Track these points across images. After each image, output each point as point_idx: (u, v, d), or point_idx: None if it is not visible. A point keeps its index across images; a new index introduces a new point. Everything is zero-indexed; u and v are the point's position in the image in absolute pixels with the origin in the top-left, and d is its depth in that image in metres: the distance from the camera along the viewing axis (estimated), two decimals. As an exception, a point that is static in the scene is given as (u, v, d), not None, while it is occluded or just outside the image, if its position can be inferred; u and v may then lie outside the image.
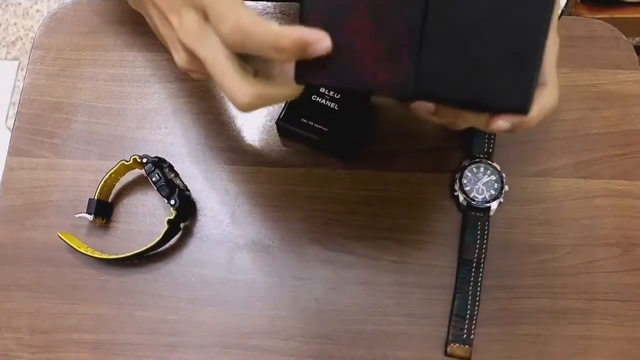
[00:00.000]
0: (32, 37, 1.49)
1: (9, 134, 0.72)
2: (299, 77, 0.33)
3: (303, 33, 0.30)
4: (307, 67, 0.32)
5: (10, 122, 1.39)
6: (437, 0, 0.30)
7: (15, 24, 1.52)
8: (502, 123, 0.35)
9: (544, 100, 0.38)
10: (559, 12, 0.45)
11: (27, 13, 1.54)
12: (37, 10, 1.54)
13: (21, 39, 1.50)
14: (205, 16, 0.35)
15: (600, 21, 0.61)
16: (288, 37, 0.31)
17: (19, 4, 1.55)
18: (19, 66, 1.47)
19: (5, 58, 1.48)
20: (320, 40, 0.30)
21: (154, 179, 0.50)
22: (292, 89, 0.36)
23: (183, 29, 0.35)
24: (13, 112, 1.40)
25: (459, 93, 0.32)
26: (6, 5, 1.55)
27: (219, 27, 0.33)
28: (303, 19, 0.32)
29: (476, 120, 0.37)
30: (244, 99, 0.35)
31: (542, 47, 0.31)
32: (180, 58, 0.38)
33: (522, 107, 0.32)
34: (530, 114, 0.33)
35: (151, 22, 0.41)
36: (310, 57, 0.31)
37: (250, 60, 0.36)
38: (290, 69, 0.33)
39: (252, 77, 0.35)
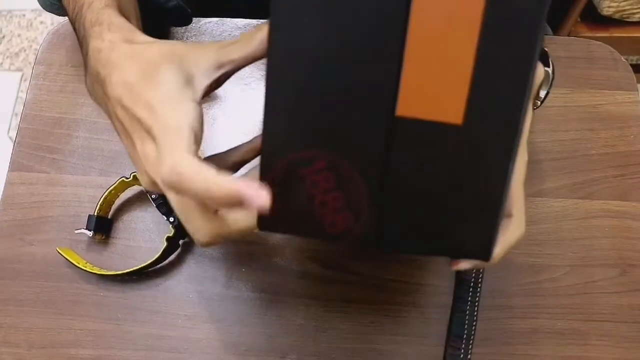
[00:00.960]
0: (35, 49, 1.50)
1: (11, 144, 0.72)
2: (262, 226, 0.33)
3: (238, 187, 0.28)
4: (271, 217, 0.32)
5: (13, 133, 1.40)
6: (397, 160, 0.30)
7: (19, 35, 1.53)
8: (463, 264, 0.36)
9: (508, 235, 0.37)
10: (543, 97, 0.45)
11: (31, 25, 1.55)
12: (41, 22, 1.55)
13: (25, 51, 1.51)
14: None
15: (600, 42, 0.61)
16: (221, 190, 0.29)
17: (23, 15, 1.56)
18: (22, 77, 1.47)
19: (9, 69, 1.49)
20: (255, 198, 0.28)
21: (153, 196, 0.50)
22: (252, 227, 0.34)
23: (146, 157, 0.33)
24: (15, 122, 1.40)
25: (420, 244, 0.33)
26: (10, 17, 1.56)
27: (159, 166, 0.31)
28: (261, 175, 0.31)
29: None
30: (205, 238, 0.34)
31: (503, 200, 0.31)
32: (144, 181, 0.35)
33: (483, 255, 0.32)
34: (493, 254, 0.33)
35: (116, 131, 0.38)
36: (246, 209, 0.30)
37: None
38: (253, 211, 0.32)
39: (212, 216, 0.34)
